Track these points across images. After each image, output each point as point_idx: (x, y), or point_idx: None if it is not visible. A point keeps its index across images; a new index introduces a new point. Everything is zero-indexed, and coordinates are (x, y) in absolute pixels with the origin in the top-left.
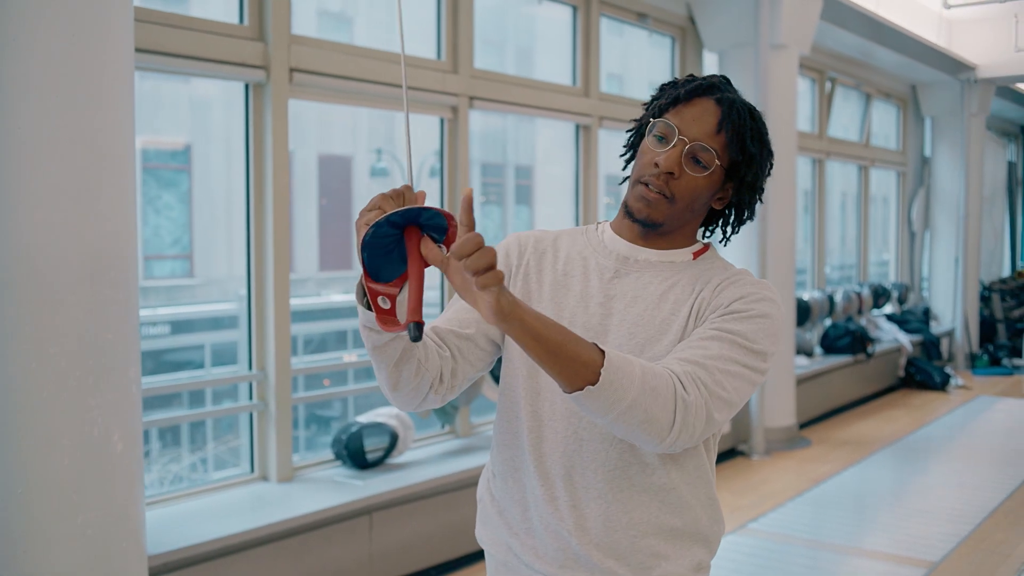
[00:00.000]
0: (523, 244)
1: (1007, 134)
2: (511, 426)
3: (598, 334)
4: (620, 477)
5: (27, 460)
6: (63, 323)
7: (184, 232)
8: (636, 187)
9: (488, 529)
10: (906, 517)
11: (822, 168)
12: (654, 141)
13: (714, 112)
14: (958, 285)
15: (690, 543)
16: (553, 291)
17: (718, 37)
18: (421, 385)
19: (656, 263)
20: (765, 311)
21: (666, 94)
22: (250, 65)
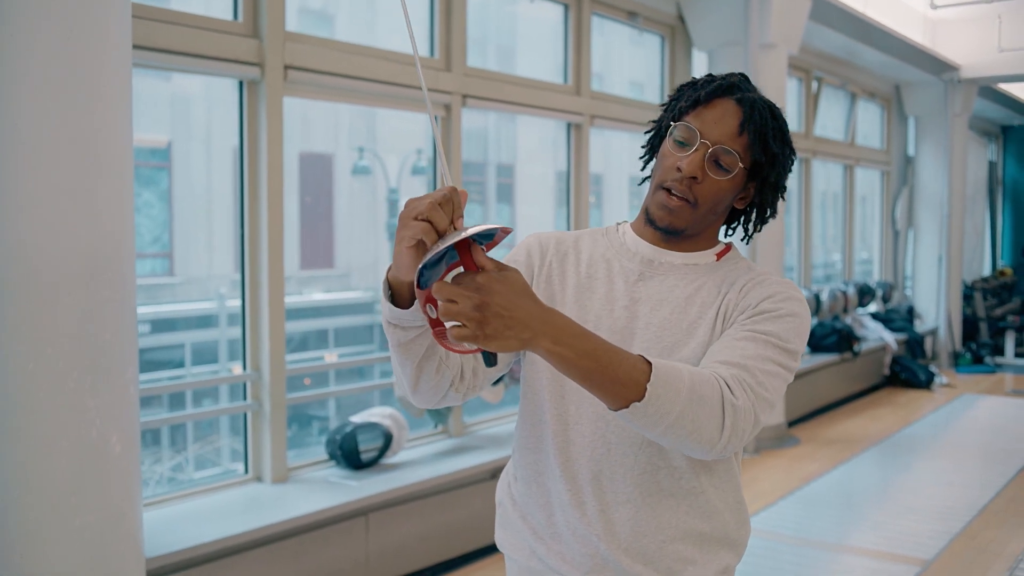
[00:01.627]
0: (544, 245)
1: (988, 134)
2: (535, 430)
3: (624, 337)
4: (649, 481)
5: (25, 462)
6: (60, 323)
7: (164, 230)
8: (658, 193)
9: (509, 533)
10: (896, 515)
11: (808, 167)
12: (675, 145)
13: (735, 113)
14: (941, 284)
15: (718, 547)
16: (577, 293)
17: (708, 36)
18: (441, 383)
19: (680, 266)
20: (794, 310)
21: (685, 96)
22: (244, 62)
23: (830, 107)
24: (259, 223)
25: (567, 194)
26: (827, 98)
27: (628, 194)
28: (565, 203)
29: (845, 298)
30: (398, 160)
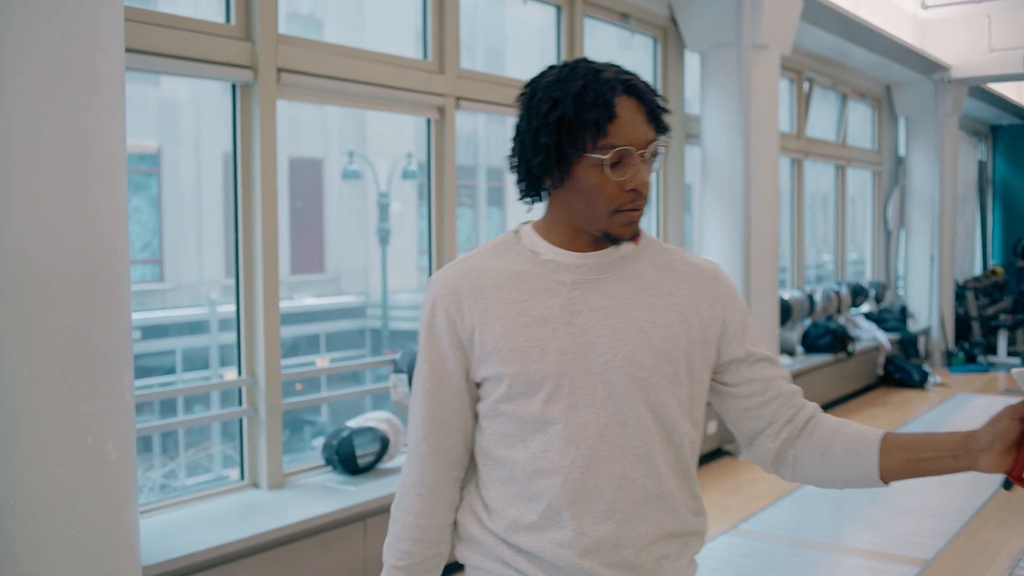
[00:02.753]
0: (454, 289)
1: (977, 134)
2: (510, 472)
3: (577, 356)
4: (626, 496)
5: (20, 469)
6: (55, 329)
7: (154, 236)
8: (616, 216)
9: (479, 555)
10: (894, 515)
11: (800, 168)
12: (612, 170)
13: (636, 106)
14: (934, 283)
15: (686, 539)
16: (509, 325)
17: (700, 37)
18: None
19: (608, 264)
20: (746, 306)
21: (584, 120)
22: (237, 65)
23: (821, 108)
24: (253, 227)
25: None
26: (818, 99)
27: None
28: None
29: (838, 298)
30: (388, 164)
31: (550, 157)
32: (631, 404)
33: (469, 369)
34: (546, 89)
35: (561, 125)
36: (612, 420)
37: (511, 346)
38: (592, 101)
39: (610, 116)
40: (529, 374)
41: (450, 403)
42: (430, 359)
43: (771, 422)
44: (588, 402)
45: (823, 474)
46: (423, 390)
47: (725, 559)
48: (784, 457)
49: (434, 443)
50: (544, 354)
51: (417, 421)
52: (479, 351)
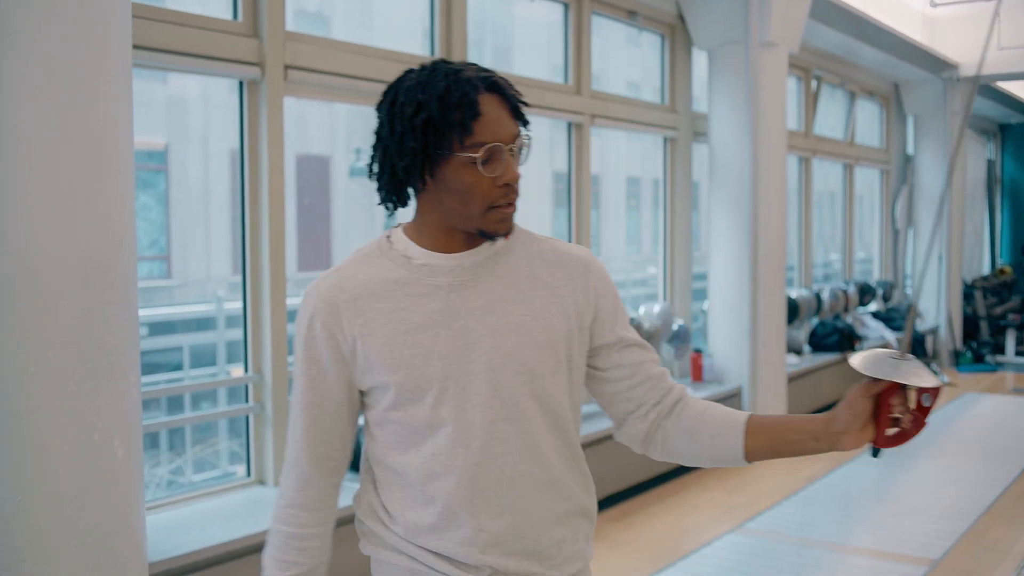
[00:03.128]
0: (331, 302)
1: (986, 132)
2: (404, 477)
3: (460, 358)
4: (519, 488)
5: (26, 466)
6: (62, 326)
7: (161, 233)
8: (490, 213)
9: (383, 548)
10: (902, 515)
11: (808, 166)
12: (483, 167)
13: (499, 102)
14: (941, 283)
15: (578, 519)
16: (390, 334)
17: (708, 35)
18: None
19: (482, 262)
20: (616, 291)
21: (449, 121)
22: (244, 62)
23: (829, 106)
24: (260, 224)
25: (568, 195)
26: (826, 97)
27: (625, 194)
28: (564, 203)
29: (846, 297)
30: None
31: (417, 160)
32: (517, 399)
33: (352, 380)
34: (408, 93)
35: (427, 127)
36: (499, 417)
37: (394, 355)
38: (456, 101)
39: (475, 114)
40: (415, 381)
41: (331, 414)
42: (309, 372)
43: (640, 404)
44: (475, 402)
45: (691, 453)
46: (302, 403)
47: (730, 558)
48: (653, 437)
49: (315, 454)
50: (428, 360)
51: (297, 433)
52: (362, 362)
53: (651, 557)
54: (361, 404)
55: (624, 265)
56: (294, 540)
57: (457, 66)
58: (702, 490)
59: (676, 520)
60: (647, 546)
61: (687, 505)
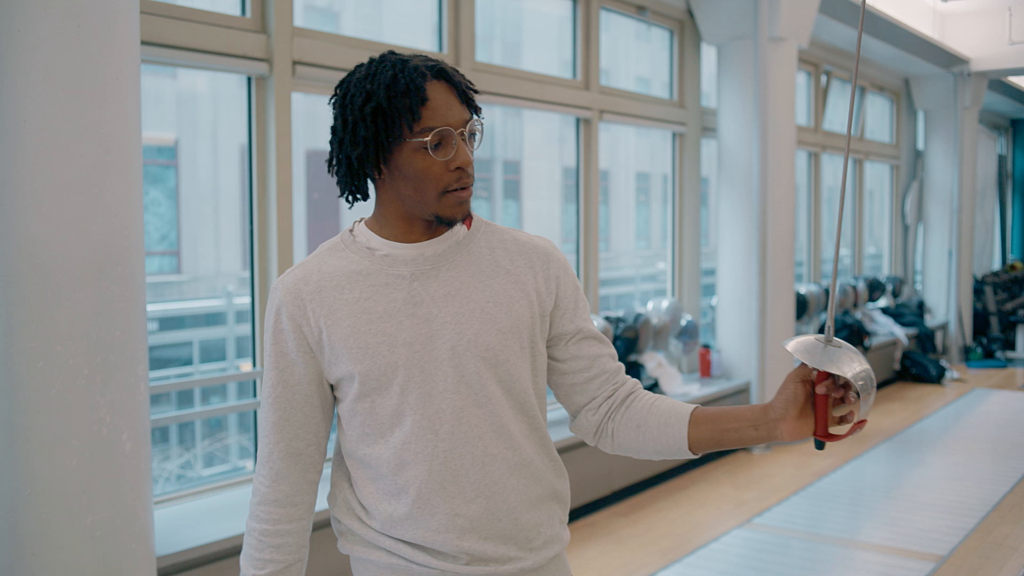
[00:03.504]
0: (296, 295)
1: (997, 127)
2: (376, 469)
3: (424, 345)
4: (491, 472)
5: (35, 460)
6: (70, 321)
7: (171, 228)
8: (445, 198)
9: (361, 546)
10: (910, 511)
11: (818, 162)
12: (434, 151)
13: (446, 88)
14: (951, 278)
15: (551, 503)
16: (354, 324)
17: (717, 30)
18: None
19: (443, 252)
20: (578, 281)
21: (397, 107)
22: (252, 58)
23: (839, 101)
24: (268, 219)
25: (576, 190)
26: (836, 92)
27: (635, 189)
28: (573, 199)
29: (855, 293)
30: None
31: (369, 148)
32: (483, 384)
33: (321, 373)
34: (358, 84)
35: (377, 115)
36: (467, 402)
37: (359, 344)
38: (404, 88)
39: (422, 100)
40: (380, 369)
41: (301, 408)
42: (278, 365)
43: (593, 397)
44: (441, 388)
45: (639, 445)
46: (272, 396)
47: (739, 553)
48: (604, 430)
49: (287, 448)
50: (392, 348)
51: (268, 427)
52: (328, 353)
53: (659, 552)
54: (334, 399)
55: (634, 260)
56: (269, 537)
57: (405, 56)
58: (712, 485)
59: (685, 515)
60: (655, 541)
61: (696, 500)
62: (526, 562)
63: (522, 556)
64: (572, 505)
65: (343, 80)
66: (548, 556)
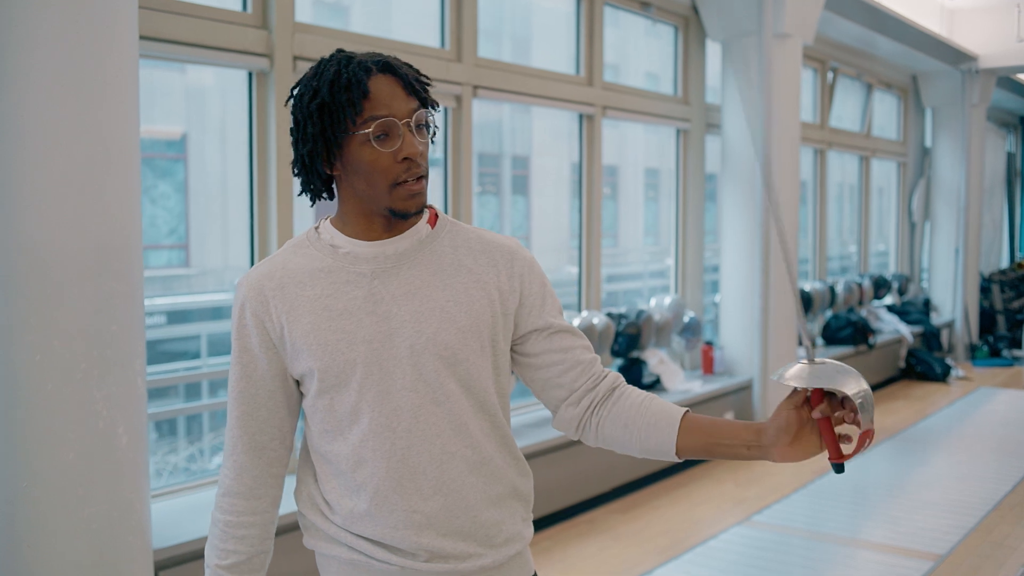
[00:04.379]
0: (259, 290)
1: (1006, 125)
2: (336, 466)
3: (383, 343)
4: (449, 469)
5: (32, 453)
6: (68, 316)
7: (180, 222)
8: (396, 190)
9: (324, 542)
10: (911, 509)
11: (823, 158)
12: (379, 142)
13: (391, 80)
14: (958, 276)
15: (511, 501)
16: (315, 321)
17: (721, 27)
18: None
19: (405, 250)
20: (546, 278)
21: (340, 101)
22: (253, 53)
23: (846, 98)
24: (269, 214)
25: (579, 186)
26: (843, 89)
27: (644, 186)
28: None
29: (860, 290)
30: None
31: (318, 144)
32: (441, 382)
33: (285, 369)
34: (306, 83)
35: (322, 111)
36: (425, 400)
37: (319, 341)
38: (345, 83)
39: (363, 93)
40: (339, 366)
41: (264, 403)
42: (242, 360)
43: (572, 390)
44: (399, 386)
45: (623, 441)
46: (236, 391)
47: (738, 551)
48: (587, 424)
49: (250, 442)
50: (352, 345)
51: (232, 421)
52: (290, 349)
53: (657, 549)
54: (300, 395)
55: (642, 256)
56: (232, 528)
57: (352, 54)
58: (712, 483)
59: (684, 513)
60: (653, 538)
61: (696, 498)
62: (486, 559)
63: (482, 553)
64: (570, 502)
65: (297, 81)
66: (509, 554)
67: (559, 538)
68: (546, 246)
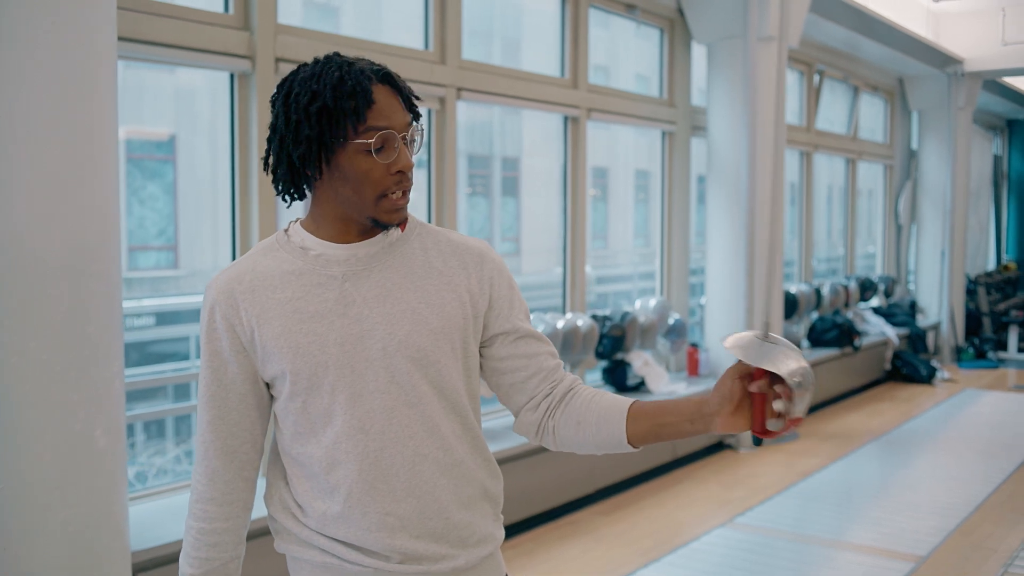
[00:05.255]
0: (229, 294)
1: (993, 128)
2: (308, 468)
3: (355, 345)
4: (420, 472)
5: (8, 455)
6: (44, 317)
7: (169, 223)
8: (382, 202)
9: (296, 545)
10: (894, 511)
11: (810, 161)
12: (377, 154)
13: (390, 92)
14: (944, 278)
15: (482, 503)
16: (286, 323)
17: (707, 29)
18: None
19: (376, 253)
20: (514, 282)
21: (344, 108)
22: (235, 55)
23: (833, 101)
24: (250, 216)
25: (563, 188)
26: (829, 91)
27: (634, 187)
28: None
29: (846, 292)
30: None
31: (312, 148)
32: (413, 384)
33: (256, 372)
34: (303, 84)
35: (322, 115)
36: (397, 402)
37: (290, 344)
38: (350, 90)
39: (368, 102)
40: (311, 369)
41: (236, 406)
42: (212, 364)
43: (532, 396)
44: (372, 388)
45: (579, 440)
46: (207, 395)
47: (720, 553)
48: (545, 428)
49: (222, 446)
50: (323, 348)
51: (204, 425)
52: (261, 352)
53: (639, 551)
54: (270, 398)
55: (632, 258)
56: (205, 536)
57: (350, 59)
58: (697, 484)
59: (668, 514)
60: (636, 540)
61: (681, 499)
62: (459, 560)
63: (455, 554)
64: (554, 503)
65: (286, 79)
66: (482, 555)
67: (543, 540)
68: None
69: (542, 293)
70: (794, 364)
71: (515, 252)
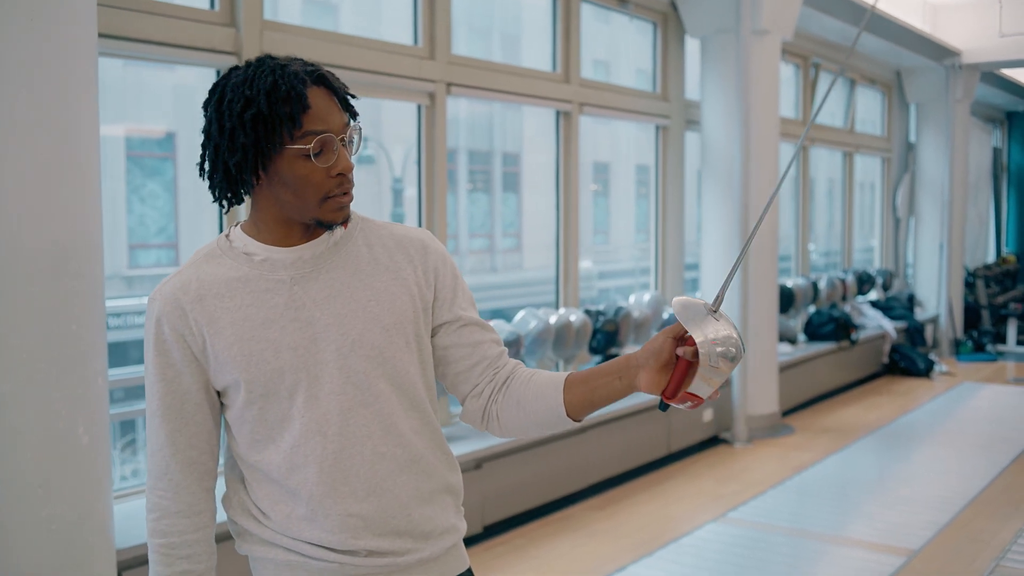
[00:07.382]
0: (177, 305)
1: (992, 120)
2: (267, 473)
3: (308, 348)
4: (381, 470)
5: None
6: (25, 315)
7: (169, 221)
8: (327, 203)
9: (259, 545)
10: (889, 505)
11: (806, 155)
12: (316, 159)
13: (326, 94)
14: (943, 271)
15: (443, 496)
16: (237, 332)
17: (700, 23)
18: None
19: (322, 253)
20: (458, 270)
21: (279, 114)
22: (221, 51)
23: (830, 94)
24: (236, 214)
25: (556, 184)
26: (826, 84)
27: (635, 182)
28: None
29: (843, 286)
30: (403, 150)
31: (248, 155)
32: (370, 383)
33: (208, 381)
34: (235, 89)
35: (257, 122)
36: (354, 402)
37: (243, 352)
38: (284, 95)
39: (304, 107)
40: (267, 375)
41: (192, 417)
42: (165, 376)
43: (476, 384)
44: (328, 390)
45: (521, 422)
46: (162, 408)
47: (713, 547)
48: (489, 414)
49: (183, 458)
50: (277, 354)
51: (162, 440)
52: (214, 362)
53: (631, 546)
54: (221, 406)
55: (633, 253)
56: (177, 549)
57: (283, 60)
58: (691, 479)
59: (661, 509)
60: (628, 535)
61: (674, 494)
62: (424, 552)
63: (420, 547)
64: (547, 499)
65: (217, 83)
66: (445, 546)
67: (534, 535)
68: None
69: (544, 289)
70: (719, 334)
71: (516, 248)
